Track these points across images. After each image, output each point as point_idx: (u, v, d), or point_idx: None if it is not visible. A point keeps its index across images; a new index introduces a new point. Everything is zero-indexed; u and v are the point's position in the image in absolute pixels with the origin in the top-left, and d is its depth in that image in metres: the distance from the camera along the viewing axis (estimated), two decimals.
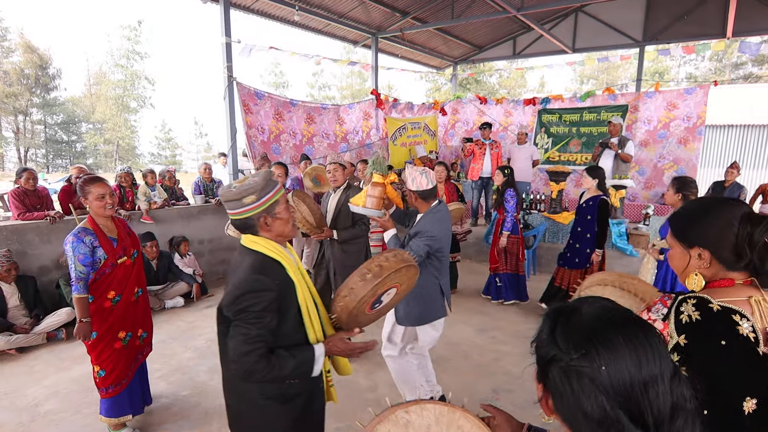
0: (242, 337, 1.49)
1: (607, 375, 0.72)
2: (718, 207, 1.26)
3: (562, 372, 0.76)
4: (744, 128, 15.59)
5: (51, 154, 36.12)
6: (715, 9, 9.07)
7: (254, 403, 1.65)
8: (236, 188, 1.60)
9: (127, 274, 2.83)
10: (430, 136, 10.29)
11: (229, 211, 1.63)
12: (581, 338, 0.76)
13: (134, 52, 34.94)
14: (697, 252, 1.26)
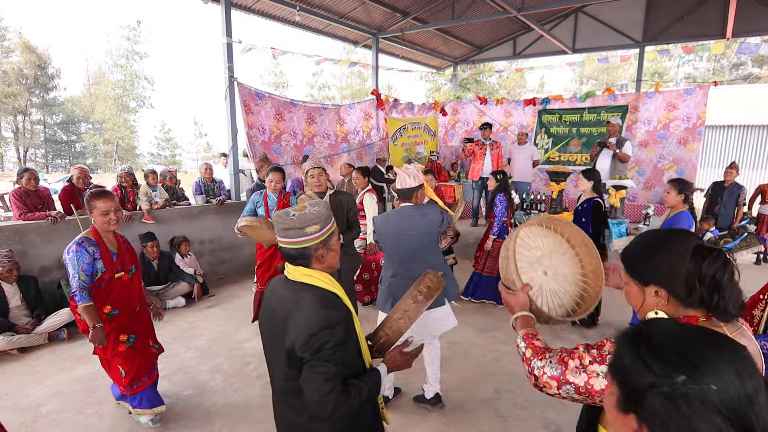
0: (322, 377, 1.42)
1: (716, 392, 0.68)
2: (669, 240, 1.22)
3: (666, 398, 0.70)
4: (743, 128, 15.61)
5: (50, 154, 36.11)
6: (714, 9, 9.08)
7: None
8: (297, 216, 1.52)
9: (124, 289, 2.83)
10: (431, 137, 10.29)
11: (286, 239, 1.53)
12: (679, 360, 0.72)
13: (133, 52, 34.96)
14: (653, 290, 1.21)
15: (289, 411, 1.59)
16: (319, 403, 1.42)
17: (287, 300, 1.53)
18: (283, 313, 1.51)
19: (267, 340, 1.63)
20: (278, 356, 1.53)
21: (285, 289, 1.57)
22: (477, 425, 3.09)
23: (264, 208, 4.40)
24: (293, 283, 1.56)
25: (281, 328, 1.50)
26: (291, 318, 1.48)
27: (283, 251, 1.56)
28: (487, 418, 3.17)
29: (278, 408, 1.65)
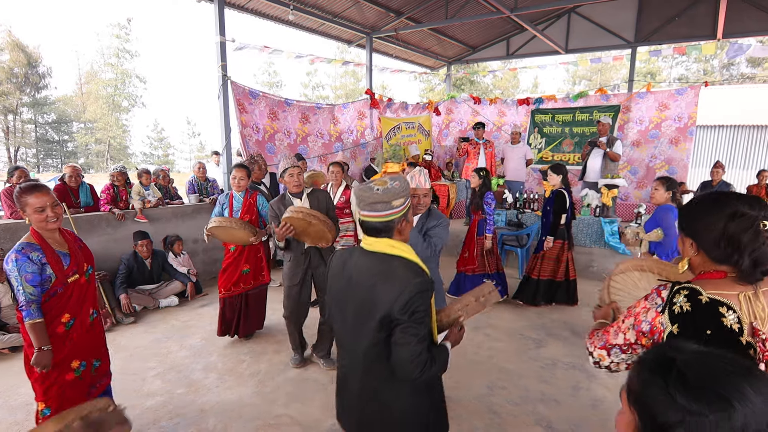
0: (415, 338, 1.49)
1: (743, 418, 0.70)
2: (711, 203, 1.31)
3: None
4: (734, 129, 15.77)
5: (41, 154, 35.79)
6: (705, 11, 9.17)
7: (405, 401, 1.63)
8: (382, 190, 1.57)
9: (81, 293, 2.48)
10: (425, 136, 10.32)
11: (373, 213, 1.59)
12: (712, 396, 0.72)
13: (124, 51, 34.73)
14: (689, 242, 1.35)
15: (371, 377, 1.64)
16: (411, 362, 1.50)
17: (372, 270, 1.59)
18: (369, 282, 1.57)
19: (348, 308, 1.66)
20: (365, 323, 1.58)
21: (366, 259, 1.63)
22: (470, 421, 3.11)
23: (229, 210, 4.25)
24: (376, 254, 1.62)
25: (369, 297, 1.56)
26: (381, 286, 1.53)
27: (367, 224, 1.63)
28: (480, 414, 3.19)
29: (355, 376, 1.69)
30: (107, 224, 5.44)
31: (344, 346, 1.74)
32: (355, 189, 1.66)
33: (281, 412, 3.23)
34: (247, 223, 3.99)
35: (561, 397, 3.39)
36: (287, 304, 3.75)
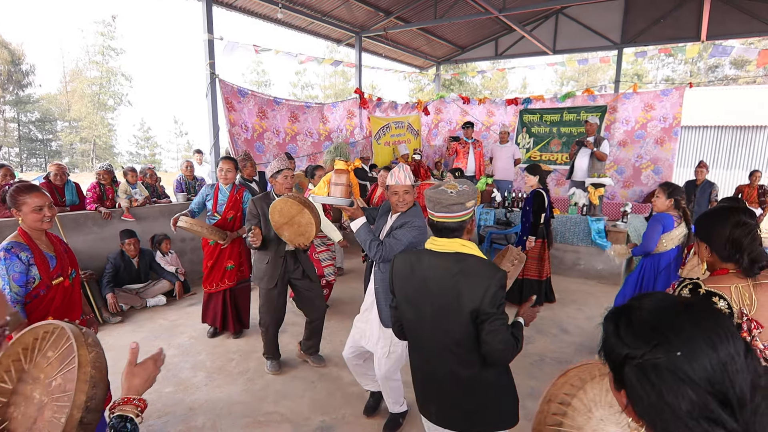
0: (504, 327, 1.65)
1: (685, 361, 0.70)
2: (720, 214, 1.72)
3: (638, 370, 0.74)
4: (718, 129, 16.06)
5: (25, 153, 35.17)
6: (689, 13, 9.33)
7: (497, 389, 1.81)
8: (456, 193, 1.69)
9: (65, 297, 2.44)
10: (414, 136, 10.35)
11: (449, 215, 1.70)
12: (649, 330, 0.75)
13: (109, 48, 34.26)
14: (704, 246, 1.73)
15: (459, 366, 1.74)
16: (503, 350, 1.64)
17: (451, 270, 1.69)
18: (450, 281, 1.67)
19: (426, 307, 1.75)
20: (450, 319, 1.70)
21: (440, 260, 1.73)
22: None
23: (213, 202, 4.21)
24: (449, 254, 1.73)
25: (452, 295, 1.67)
26: (465, 284, 1.65)
27: (443, 225, 1.73)
28: None
29: (440, 368, 1.78)
30: (93, 223, 5.38)
31: (422, 343, 1.83)
32: (429, 193, 1.75)
33: (271, 409, 3.22)
34: (217, 230, 4.00)
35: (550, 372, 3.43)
36: (264, 310, 3.62)
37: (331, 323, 4.80)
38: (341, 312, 5.14)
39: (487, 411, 1.79)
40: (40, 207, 2.30)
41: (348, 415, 3.16)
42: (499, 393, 1.82)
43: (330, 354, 4.07)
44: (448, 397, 1.81)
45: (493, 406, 1.80)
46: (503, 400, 1.84)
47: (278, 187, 3.60)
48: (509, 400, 1.86)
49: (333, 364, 3.88)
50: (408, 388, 2.77)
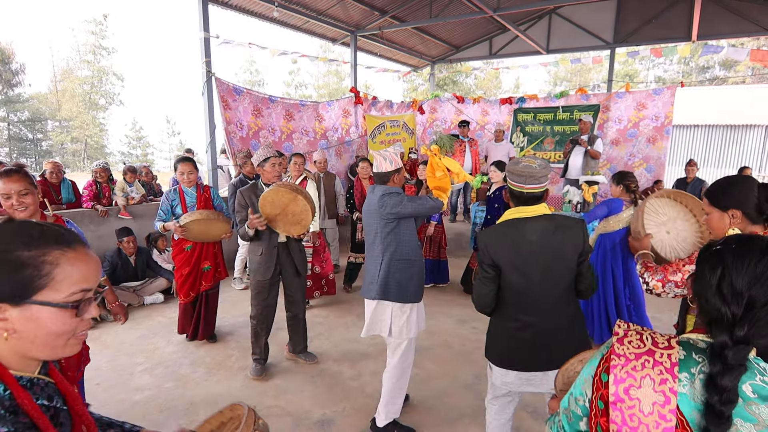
0: (590, 265, 2.05)
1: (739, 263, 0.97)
2: (741, 180, 1.85)
3: (714, 253, 1.04)
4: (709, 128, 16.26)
5: (15, 153, 34.79)
6: (680, 13, 9.45)
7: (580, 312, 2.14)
8: (538, 167, 1.99)
9: None
10: (409, 134, 10.39)
11: (537, 185, 1.99)
12: (728, 242, 1.04)
13: (101, 47, 33.99)
14: (731, 213, 1.82)
15: (566, 306, 2.05)
16: (592, 282, 2.05)
17: (550, 227, 2.00)
18: (554, 237, 1.99)
19: (534, 267, 1.99)
20: (557, 269, 2.00)
21: (538, 223, 2.01)
22: (458, 408, 3.18)
23: (181, 206, 3.93)
24: (543, 216, 2.03)
25: (559, 247, 1.98)
26: (566, 235, 1.99)
27: (532, 194, 2.01)
28: (468, 401, 3.27)
29: (550, 319, 2.03)
30: (90, 221, 5.36)
31: (531, 306, 2.03)
32: (518, 168, 2.01)
33: (271, 403, 3.24)
34: (221, 213, 3.81)
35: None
36: (256, 303, 3.53)
37: (329, 319, 4.83)
38: (341, 309, 5.17)
39: (583, 336, 2.11)
40: (7, 195, 2.13)
41: (348, 409, 3.20)
42: (582, 318, 2.16)
43: (329, 350, 4.10)
44: (561, 341, 2.03)
45: (584, 329, 2.13)
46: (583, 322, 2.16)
47: (266, 176, 3.44)
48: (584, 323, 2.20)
49: (332, 360, 3.91)
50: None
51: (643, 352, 0.98)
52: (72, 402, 0.92)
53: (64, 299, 0.83)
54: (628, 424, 0.95)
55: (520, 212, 2.02)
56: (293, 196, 3.13)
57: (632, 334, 1.03)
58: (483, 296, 2.08)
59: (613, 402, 0.97)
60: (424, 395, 3.35)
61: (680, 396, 0.93)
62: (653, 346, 0.99)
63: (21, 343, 0.83)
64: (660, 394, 0.93)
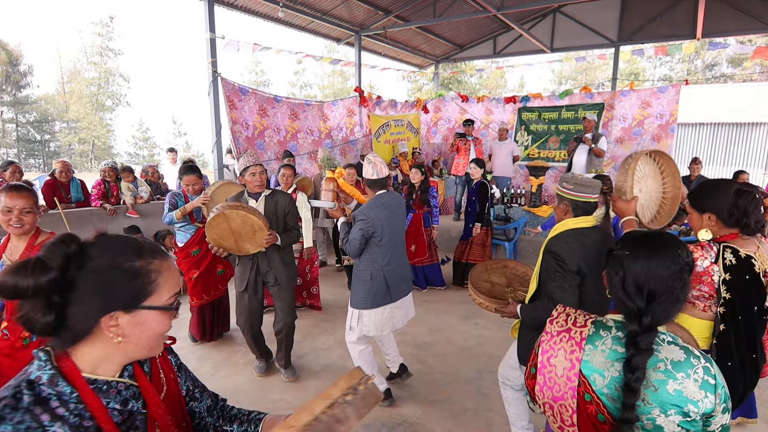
0: None
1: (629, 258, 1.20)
2: (719, 185, 2.00)
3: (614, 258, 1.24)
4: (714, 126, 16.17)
5: (23, 154, 35.14)
6: (685, 11, 9.42)
7: None
8: (586, 178, 2.12)
9: None
10: (413, 134, 10.43)
11: (593, 195, 2.09)
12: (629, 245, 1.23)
13: (107, 49, 34.27)
14: (707, 216, 2.00)
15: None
16: None
17: (604, 236, 2.14)
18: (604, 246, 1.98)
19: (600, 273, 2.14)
20: None
21: (593, 232, 2.12)
22: (461, 403, 3.22)
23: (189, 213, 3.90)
24: (593, 227, 2.13)
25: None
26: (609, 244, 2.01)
27: (591, 205, 2.12)
28: (470, 395, 3.31)
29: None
30: (98, 219, 5.45)
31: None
32: (581, 179, 2.12)
33: (277, 397, 3.30)
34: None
35: None
36: (238, 311, 3.49)
37: (336, 315, 4.88)
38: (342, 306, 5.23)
39: None
40: (9, 209, 2.14)
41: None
42: None
43: (333, 345, 4.15)
44: None
45: None
46: None
47: (250, 186, 3.28)
48: None
49: (337, 356, 3.97)
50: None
51: (563, 330, 1.27)
52: (152, 407, 0.97)
53: (166, 302, 0.92)
54: (547, 384, 1.25)
55: (582, 221, 2.11)
56: (224, 216, 2.98)
57: (561, 316, 1.31)
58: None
59: (539, 368, 1.27)
60: (427, 390, 3.40)
61: (583, 362, 1.20)
62: (572, 325, 1.27)
63: (127, 347, 0.89)
64: (569, 362, 1.21)
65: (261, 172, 3.27)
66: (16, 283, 0.80)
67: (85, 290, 0.84)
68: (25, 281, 0.80)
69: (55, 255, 0.84)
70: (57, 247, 0.85)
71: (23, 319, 0.83)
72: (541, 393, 1.26)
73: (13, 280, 0.80)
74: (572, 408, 1.20)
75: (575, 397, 1.19)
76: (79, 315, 0.85)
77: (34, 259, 0.82)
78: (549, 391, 1.24)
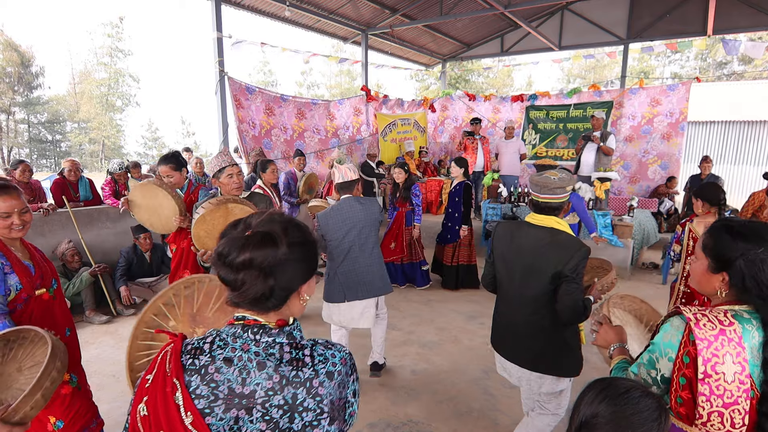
0: (578, 290, 1.99)
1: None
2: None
3: (749, 261, 1.22)
4: (725, 124, 15.95)
5: (35, 154, 35.57)
6: (696, 7, 9.31)
7: (561, 342, 2.13)
8: (558, 179, 2.06)
9: (47, 310, 2.13)
10: (420, 133, 10.41)
11: (552, 196, 2.06)
12: (757, 239, 1.23)
13: (117, 50, 34.58)
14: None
15: (533, 316, 2.13)
16: (573, 309, 1.98)
17: (543, 240, 2.07)
18: (541, 249, 2.06)
19: (517, 268, 2.15)
20: (534, 279, 2.08)
21: (537, 231, 2.11)
22: (466, 403, 3.20)
23: None
24: (545, 228, 2.10)
25: (540, 259, 2.05)
26: (553, 252, 2.03)
27: (546, 204, 2.09)
28: (476, 395, 3.28)
29: (521, 318, 2.17)
30: (107, 218, 5.49)
31: (509, 298, 2.23)
32: (536, 178, 2.11)
33: None
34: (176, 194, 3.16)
35: None
36: None
37: None
38: None
39: (550, 356, 2.15)
40: (7, 213, 1.97)
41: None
42: (561, 344, 2.14)
43: None
44: (520, 339, 2.19)
45: (556, 354, 2.14)
46: (565, 351, 2.15)
47: (225, 189, 2.97)
48: (571, 353, 2.16)
49: None
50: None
51: (718, 333, 1.22)
52: None
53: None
54: (716, 393, 1.21)
55: (532, 218, 2.17)
56: (225, 210, 2.68)
57: (701, 317, 1.26)
58: (484, 276, 2.40)
59: (702, 378, 1.22)
60: (433, 389, 3.38)
61: (749, 362, 1.19)
62: (721, 325, 1.23)
63: (302, 308, 1.05)
64: (738, 365, 1.19)
65: (238, 173, 2.99)
66: (253, 257, 0.91)
67: (295, 260, 0.96)
68: (260, 254, 0.92)
69: (279, 230, 0.96)
70: (276, 223, 0.97)
71: (238, 284, 0.93)
72: (707, 403, 1.22)
73: (249, 254, 0.92)
74: (745, 410, 1.20)
75: (749, 398, 1.19)
76: (289, 282, 0.97)
77: (264, 233, 0.94)
78: (719, 399, 1.21)
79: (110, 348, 4.13)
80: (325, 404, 0.91)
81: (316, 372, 0.93)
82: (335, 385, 0.94)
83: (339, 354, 0.98)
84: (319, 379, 0.92)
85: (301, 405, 0.90)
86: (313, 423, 0.90)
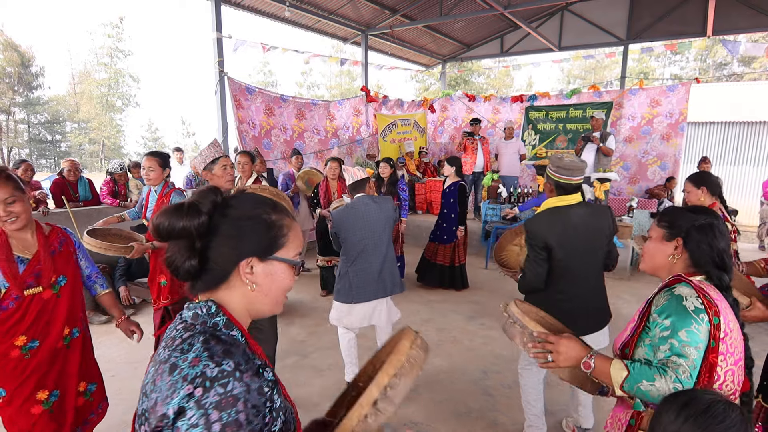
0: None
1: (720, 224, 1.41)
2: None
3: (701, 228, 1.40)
4: (725, 125, 15.95)
5: (35, 154, 35.58)
6: (695, 8, 9.32)
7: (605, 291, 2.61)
8: (579, 160, 2.36)
9: (45, 310, 1.98)
10: (420, 133, 10.41)
11: (579, 177, 2.34)
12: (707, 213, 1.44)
13: (117, 50, 34.60)
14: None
15: (600, 280, 2.51)
16: (616, 257, 2.55)
17: (587, 212, 2.39)
18: (592, 220, 2.39)
19: (579, 244, 2.35)
20: (595, 247, 2.42)
21: (580, 209, 2.38)
22: (465, 403, 3.20)
23: (145, 207, 3.52)
24: (580, 203, 2.40)
25: (596, 227, 2.40)
26: (601, 218, 2.42)
27: (576, 185, 2.37)
28: (475, 396, 3.28)
29: (589, 288, 2.44)
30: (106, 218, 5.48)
31: (573, 279, 2.38)
32: (565, 162, 2.34)
33: None
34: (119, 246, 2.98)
35: (554, 380, 3.49)
36: None
37: None
38: None
39: (606, 306, 2.55)
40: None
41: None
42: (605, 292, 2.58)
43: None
44: (592, 308, 2.45)
45: (606, 302, 2.57)
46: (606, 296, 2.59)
47: (217, 182, 2.89)
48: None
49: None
50: None
51: (717, 297, 1.36)
52: None
53: (293, 258, 0.97)
54: (729, 351, 1.31)
55: (564, 200, 2.36)
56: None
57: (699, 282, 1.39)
58: (539, 275, 2.37)
59: (723, 337, 1.31)
60: (432, 390, 3.38)
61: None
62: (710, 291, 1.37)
63: (257, 297, 0.94)
64: (736, 321, 1.35)
65: (231, 165, 2.95)
66: (171, 224, 0.87)
67: (226, 235, 0.90)
68: (179, 222, 0.87)
69: (206, 201, 0.90)
70: (207, 195, 0.92)
71: (168, 261, 0.90)
72: (724, 362, 1.29)
73: (168, 221, 0.87)
74: (743, 364, 1.33)
75: (743, 350, 1.35)
76: (220, 258, 0.90)
77: (188, 202, 0.90)
78: (731, 357, 1.30)
79: (110, 348, 4.13)
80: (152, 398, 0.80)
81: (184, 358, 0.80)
82: (168, 384, 0.78)
83: (213, 363, 0.79)
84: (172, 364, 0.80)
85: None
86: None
